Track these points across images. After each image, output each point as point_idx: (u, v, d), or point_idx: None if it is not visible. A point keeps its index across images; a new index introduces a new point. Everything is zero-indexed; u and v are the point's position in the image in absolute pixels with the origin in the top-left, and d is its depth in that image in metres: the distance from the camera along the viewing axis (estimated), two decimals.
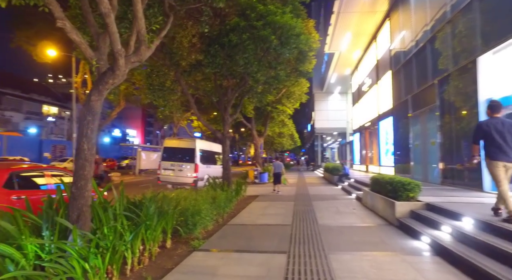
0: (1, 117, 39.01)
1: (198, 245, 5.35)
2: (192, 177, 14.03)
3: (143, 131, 73.15)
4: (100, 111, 4.11)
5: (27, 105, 43.46)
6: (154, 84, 10.94)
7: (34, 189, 5.89)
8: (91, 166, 4.06)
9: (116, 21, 4.25)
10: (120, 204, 4.49)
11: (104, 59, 4.29)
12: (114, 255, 3.79)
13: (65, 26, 3.84)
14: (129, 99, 24.80)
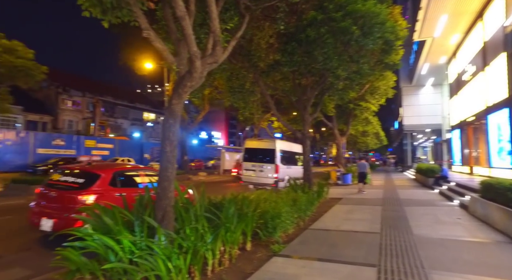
0: (114, 124, 45.92)
1: (278, 250, 5.15)
2: (273, 178, 14.02)
3: (226, 133, 77.46)
4: (181, 114, 4.25)
5: (132, 113, 50.23)
6: (234, 86, 11.25)
7: (132, 187, 6.51)
8: (174, 167, 4.22)
9: (196, 28, 4.35)
10: (201, 205, 4.58)
11: (184, 64, 4.44)
12: (195, 255, 3.84)
13: (149, 35, 4.08)
14: (213, 103, 26.42)
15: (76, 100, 40.69)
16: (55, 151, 24.58)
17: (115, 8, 4.07)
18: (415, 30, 18.17)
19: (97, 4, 3.96)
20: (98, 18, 4.25)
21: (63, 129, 37.75)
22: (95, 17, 4.24)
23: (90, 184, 5.77)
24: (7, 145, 21.77)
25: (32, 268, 4.59)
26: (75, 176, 6.06)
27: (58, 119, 38.23)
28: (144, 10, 4.28)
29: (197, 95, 16.83)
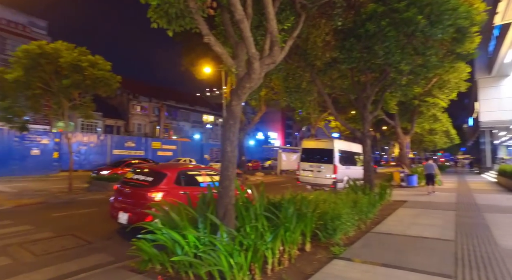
0: (177, 126, 49.12)
1: (339, 252, 5.00)
2: (331, 179, 13.65)
3: (283, 133, 77.53)
4: (240, 115, 4.38)
5: (193, 115, 53.17)
6: (291, 86, 11.20)
7: (194, 186, 6.89)
8: (234, 167, 4.36)
9: (252, 30, 4.45)
10: (261, 204, 4.66)
11: (242, 66, 4.56)
12: (255, 253, 3.92)
13: (210, 40, 4.28)
14: (269, 104, 26.65)
15: (144, 105, 44.44)
16: (127, 152, 27.14)
17: (179, 17, 4.35)
18: (497, 12, 16.03)
19: (163, 15, 4.28)
20: (164, 28, 4.59)
21: (133, 132, 41.53)
22: (161, 28, 4.60)
23: (158, 183, 6.25)
24: (91, 147, 24.72)
25: (113, 255, 5.15)
26: (145, 175, 6.63)
27: (129, 123, 42.16)
28: (204, 17, 4.51)
29: (254, 97, 17.14)
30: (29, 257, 5.06)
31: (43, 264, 4.76)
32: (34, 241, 5.91)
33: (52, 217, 8.27)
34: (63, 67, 11.92)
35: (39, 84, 12.18)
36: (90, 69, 12.13)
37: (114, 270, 4.29)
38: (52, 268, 4.59)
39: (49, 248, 5.52)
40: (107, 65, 12.86)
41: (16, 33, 31.59)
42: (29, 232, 6.64)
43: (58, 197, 11.19)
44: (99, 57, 12.85)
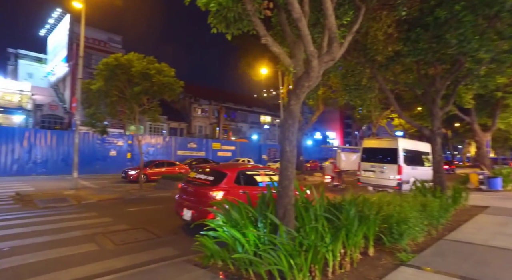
0: (235, 127, 50.69)
1: (407, 259, 4.64)
2: (395, 180, 12.76)
3: (342, 133, 74.91)
4: (299, 114, 4.33)
5: (251, 116, 54.33)
6: (350, 84, 10.75)
7: (253, 185, 7.01)
8: (294, 167, 4.33)
9: (309, 28, 4.38)
10: (321, 205, 4.55)
11: (300, 65, 4.51)
12: (316, 255, 3.84)
13: (267, 41, 4.32)
14: (327, 103, 25.97)
15: (204, 108, 46.72)
16: (189, 153, 28.83)
17: (237, 21, 4.48)
18: None
19: (222, 20, 4.45)
20: (222, 32, 4.76)
21: (195, 134, 43.94)
22: (220, 33, 4.78)
23: (219, 182, 6.51)
24: (158, 148, 26.85)
25: (179, 249, 5.50)
26: (207, 174, 6.95)
27: (191, 125, 44.70)
28: (261, 18, 4.56)
29: (311, 96, 16.89)
30: (111, 245, 5.67)
31: (121, 253, 5.29)
32: (113, 231, 6.61)
33: (126, 211, 9.15)
34: (134, 76, 13.14)
35: (115, 92, 13.61)
36: (157, 76, 13.17)
37: (180, 263, 4.57)
38: (128, 257, 5.07)
39: (125, 238, 6.11)
40: (172, 72, 13.83)
41: (99, 49, 35.83)
42: (109, 223, 7.44)
43: (131, 194, 12.34)
44: (165, 65, 13.88)
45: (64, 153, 20.79)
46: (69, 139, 20.90)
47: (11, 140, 19.04)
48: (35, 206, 9.53)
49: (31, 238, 6.11)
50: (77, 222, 7.53)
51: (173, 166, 19.55)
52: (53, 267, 4.61)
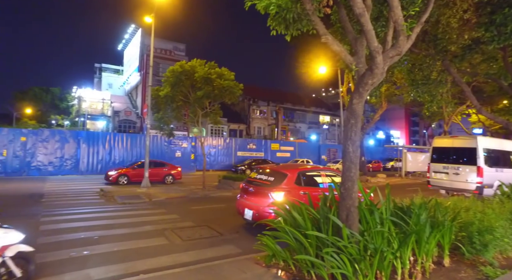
0: (294, 128, 50.46)
1: (494, 275, 4.11)
2: (474, 183, 11.40)
3: (407, 131, 69.56)
4: (362, 113, 4.15)
5: (309, 117, 53.57)
6: (417, 79, 9.92)
7: (314, 186, 6.90)
8: (357, 168, 4.16)
9: (372, 22, 4.17)
10: (387, 208, 4.29)
11: (362, 62, 4.32)
12: (382, 261, 3.63)
13: (327, 40, 4.23)
14: (390, 100, 24.34)
15: (262, 109, 47.38)
16: (249, 154, 29.50)
17: (296, 21, 4.46)
18: None
19: (281, 22, 4.47)
20: (282, 34, 4.79)
21: (253, 135, 44.81)
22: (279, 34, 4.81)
23: (279, 182, 6.54)
24: (219, 149, 28.04)
25: (241, 247, 5.67)
26: (267, 175, 7.03)
27: (250, 127, 45.67)
28: (321, 17, 4.48)
29: (374, 93, 15.99)
30: (178, 241, 6.09)
31: (188, 248, 5.65)
32: (180, 228, 7.08)
33: (191, 209, 9.72)
34: (197, 81, 13.93)
35: (180, 97, 14.58)
36: (218, 80, 13.78)
37: (242, 261, 4.71)
38: (194, 253, 5.39)
39: (191, 235, 6.50)
40: (231, 75, 14.34)
41: (165, 58, 38.82)
42: (177, 220, 7.99)
43: (195, 193, 13.07)
44: (225, 69, 14.45)
45: (137, 154, 22.91)
46: (141, 141, 22.96)
47: (96, 143, 21.63)
48: (115, 201, 10.67)
49: (113, 230, 6.87)
50: (149, 218, 8.24)
51: (161, 166, 17.25)
52: (131, 256, 5.12)
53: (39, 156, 19.51)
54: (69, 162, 20.44)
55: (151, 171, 15.48)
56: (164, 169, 17.19)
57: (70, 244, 5.77)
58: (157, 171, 16.62)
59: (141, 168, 15.61)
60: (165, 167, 17.35)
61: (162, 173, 16.86)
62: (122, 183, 15.67)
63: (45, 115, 48.07)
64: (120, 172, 15.94)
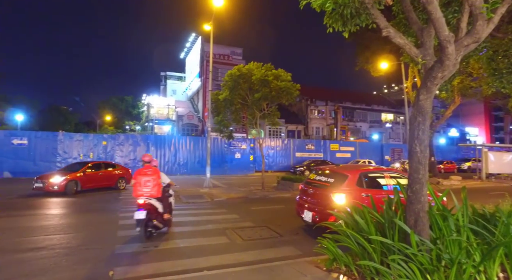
0: (354, 127, 48.41)
1: None
2: None
3: (488, 128, 61.68)
4: (431, 110, 3.79)
5: (370, 115, 50.88)
6: (500, 67, 8.73)
7: (377, 188, 6.51)
8: (426, 169, 3.81)
9: (441, 9, 3.80)
10: (464, 214, 3.86)
11: (430, 54, 3.95)
12: (460, 273, 3.27)
13: (389, 33, 3.97)
14: (465, 94, 21.78)
15: (320, 109, 46.39)
16: (307, 154, 29.06)
17: (354, 16, 4.27)
18: None
19: (338, 18, 4.32)
20: (339, 31, 4.62)
21: (312, 136, 44.07)
22: (336, 32, 4.65)
23: (339, 184, 6.31)
24: (277, 150, 28.18)
25: (301, 249, 5.60)
26: (327, 176, 6.84)
27: (308, 127, 45.02)
28: (381, 9, 4.22)
29: (444, 87, 14.59)
30: (239, 240, 6.25)
31: (248, 248, 5.76)
32: (241, 227, 7.26)
33: (251, 209, 9.90)
34: (254, 83, 14.20)
35: (239, 100, 15.01)
36: (274, 81, 13.87)
37: (302, 263, 4.64)
38: (254, 252, 5.47)
39: (251, 235, 6.62)
40: (288, 76, 14.31)
41: (223, 63, 40.43)
42: (237, 220, 8.22)
43: (254, 194, 13.30)
44: (281, 70, 14.49)
45: (199, 156, 24.17)
46: (202, 144, 24.17)
47: (162, 145, 23.41)
48: (181, 200, 11.39)
49: (180, 227, 7.34)
50: (211, 217, 8.62)
51: (112, 168, 14.20)
52: (195, 253, 5.41)
53: (117, 158, 21.79)
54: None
55: (102, 174, 13.43)
56: (115, 171, 14.20)
57: (143, 238, 6.31)
58: (107, 173, 13.77)
59: (95, 170, 13.15)
60: (116, 169, 14.36)
61: (115, 176, 13.97)
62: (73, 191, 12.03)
63: (121, 121, 53.70)
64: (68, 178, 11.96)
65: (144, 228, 6.00)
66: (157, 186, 6.21)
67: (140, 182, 6.16)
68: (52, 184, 11.58)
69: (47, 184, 11.56)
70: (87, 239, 6.24)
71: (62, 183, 11.68)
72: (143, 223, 5.92)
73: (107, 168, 14.02)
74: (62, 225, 7.52)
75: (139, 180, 6.18)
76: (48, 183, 11.56)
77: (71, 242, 6.03)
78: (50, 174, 12.37)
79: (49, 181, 11.60)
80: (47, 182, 11.59)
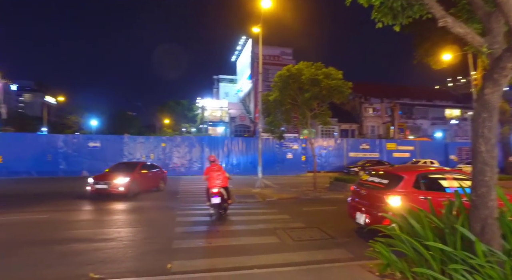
0: (413, 125, 45.13)
1: None
2: None
3: None
4: (498, 104, 3.41)
5: (432, 111, 46.94)
6: None
7: (438, 191, 6.02)
8: (493, 171, 3.44)
9: None
10: None
11: (499, 41, 3.56)
12: None
13: (446, 23, 3.67)
14: None
15: (375, 107, 44.10)
16: (362, 154, 27.83)
17: (405, 8, 4.03)
18: None
19: (387, 12, 4.12)
20: (389, 25, 4.39)
21: (366, 135, 42.09)
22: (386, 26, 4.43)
23: (394, 185, 5.98)
24: (329, 150, 27.48)
25: (352, 252, 5.43)
26: (380, 177, 6.52)
27: (362, 126, 43.10)
28: None
29: None
30: (289, 240, 6.26)
31: (298, 248, 5.75)
32: (291, 228, 7.25)
33: (302, 210, 9.82)
34: (304, 83, 14.04)
35: (289, 100, 14.97)
36: (325, 80, 13.57)
37: (354, 267, 4.49)
38: (304, 253, 5.44)
39: (301, 236, 6.59)
40: (339, 74, 13.90)
41: (273, 63, 40.68)
42: (287, 220, 8.23)
43: (306, 194, 13.16)
44: (332, 68, 14.12)
45: (251, 157, 24.62)
46: (254, 144, 24.57)
47: (216, 147, 24.36)
48: (234, 200, 11.73)
49: (232, 225, 7.61)
50: (262, 217, 8.75)
51: (155, 169, 14.32)
52: (245, 251, 5.55)
53: (174, 159, 23.22)
54: (196, 164, 23.59)
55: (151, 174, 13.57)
56: (159, 172, 14.45)
57: (198, 235, 6.67)
58: (154, 174, 13.90)
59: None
60: (159, 170, 14.56)
61: (158, 177, 14.20)
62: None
63: (178, 124, 57.10)
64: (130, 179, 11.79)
65: (217, 210, 7.92)
66: (224, 179, 8.23)
67: (213, 176, 8.05)
68: (117, 185, 11.40)
69: (112, 185, 11.40)
70: (149, 233, 6.80)
71: (126, 185, 11.53)
72: (217, 206, 7.86)
73: (153, 169, 14.12)
74: (129, 220, 8.28)
75: (211, 175, 8.06)
76: (113, 184, 11.40)
77: (135, 235, 6.62)
78: (109, 175, 11.99)
79: (113, 182, 11.43)
80: (112, 183, 11.43)
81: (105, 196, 11.42)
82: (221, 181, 8.06)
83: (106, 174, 12.33)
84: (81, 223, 7.79)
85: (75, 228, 7.21)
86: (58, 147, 21.40)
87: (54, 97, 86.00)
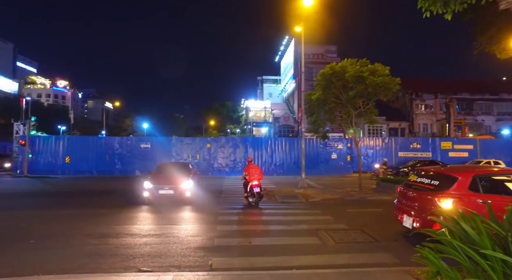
0: (473, 122, 41.23)
1: None
2: None
3: None
4: None
5: (497, 106, 42.48)
6: None
7: (501, 194, 5.46)
8: None
9: None
10: None
11: None
12: None
13: (510, 5, 3.32)
14: None
15: (428, 103, 41.13)
16: (412, 154, 26.07)
17: None
18: None
19: (436, 0, 3.83)
20: (439, 14, 4.08)
21: (418, 133, 39.40)
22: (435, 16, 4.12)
23: (446, 187, 5.53)
24: (377, 150, 26.20)
25: (398, 257, 5.13)
26: (430, 178, 6.07)
27: (414, 124, 40.43)
28: None
29: None
30: (331, 242, 6.11)
31: (339, 250, 5.58)
32: (334, 229, 7.06)
33: (346, 212, 9.51)
34: (348, 81, 13.57)
35: (332, 99, 14.58)
36: (370, 77, 12.98)
37: (399, 272, 4.25)
38: (346, 256, 5.27)
39: (344, 238, 6.38)
40: (386, 70, 13.21)
41: (317, 62, 39.91)
42: (330, 221, 8.02)
43: (351, 195, 12.71)
44: (378, 64, 13.47)
45: (295, 157, 24.39)
46: (298, 144, 24.29)
47: (260, 147, 24.56)
48: (276, 200, 11.75)
49: (273, 225, 7.63)
50: (304, 217, 8.63)
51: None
52: (285, 251, 5.53)
53: (219, 159, 23.88)
54: (240, 164, 23.99)
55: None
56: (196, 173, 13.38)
57: (239, 233, 6.79)
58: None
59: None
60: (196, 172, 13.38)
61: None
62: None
63: (223, 125, 58.68)
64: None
65: (257, 198, 9.85)
66: (260, 174, 10.33)
67: (252, 172, 10.19)
68: (183, 190, 10.42)
69: (178, 190, 10.37)
70: (193, 231, 7.09)
71: (192, 189, 10.73)
72: (257, 195, 9.82)
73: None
74: (175, 217, 8.70)
75: (250, 171, 10.22)
76: (180, 190, 10.38)
77: (180, 232, 6.94)
78: (169, 178, 10.79)
79: (180, 187, 10.38)
80: (179, 188, 10.39)
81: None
82: (258, 176, 10.17)
83: (163, 176, 11.08)
84: (133, 219, 8.37)
85: (127, 224, 7.77)
86: (114, 149, 23.31)
87: (112, 103, 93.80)
